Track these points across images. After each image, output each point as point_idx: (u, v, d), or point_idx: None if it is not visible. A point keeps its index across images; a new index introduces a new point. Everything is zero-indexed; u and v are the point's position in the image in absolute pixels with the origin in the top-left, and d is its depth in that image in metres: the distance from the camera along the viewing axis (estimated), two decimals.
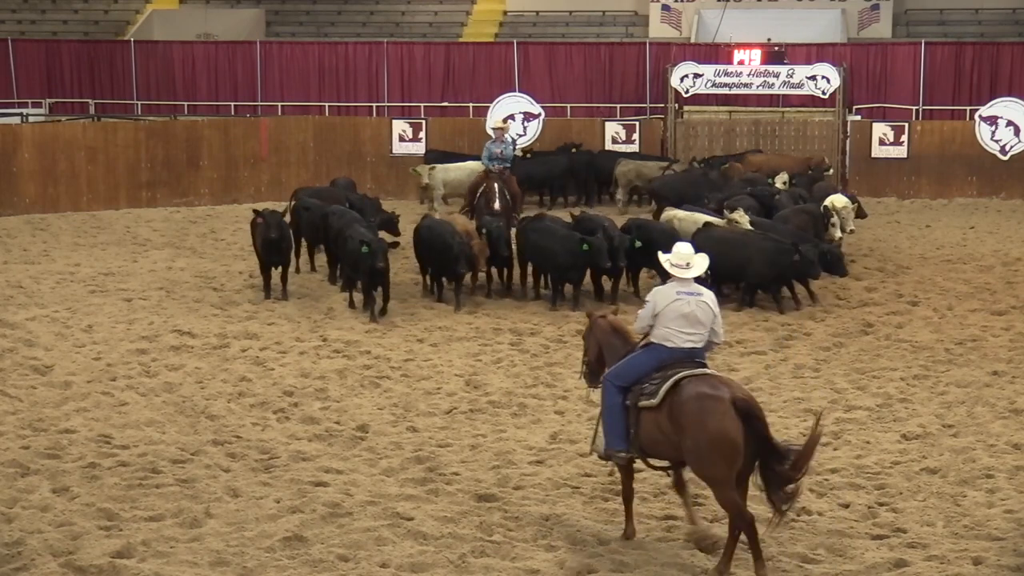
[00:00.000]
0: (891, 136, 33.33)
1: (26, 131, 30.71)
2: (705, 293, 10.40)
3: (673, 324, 10.23)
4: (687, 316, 10.22)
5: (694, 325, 10.25)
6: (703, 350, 10.38)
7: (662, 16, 41.60)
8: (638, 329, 10.56)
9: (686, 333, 10.24)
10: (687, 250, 10.57)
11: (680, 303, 10.24)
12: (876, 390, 15.28)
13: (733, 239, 19.80)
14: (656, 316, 10.31)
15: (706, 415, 9.62)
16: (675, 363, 10.12)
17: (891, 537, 10.67)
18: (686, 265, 10.45)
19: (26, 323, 18.47)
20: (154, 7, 43.83)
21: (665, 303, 10.28)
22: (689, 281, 10.41)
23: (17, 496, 11.44)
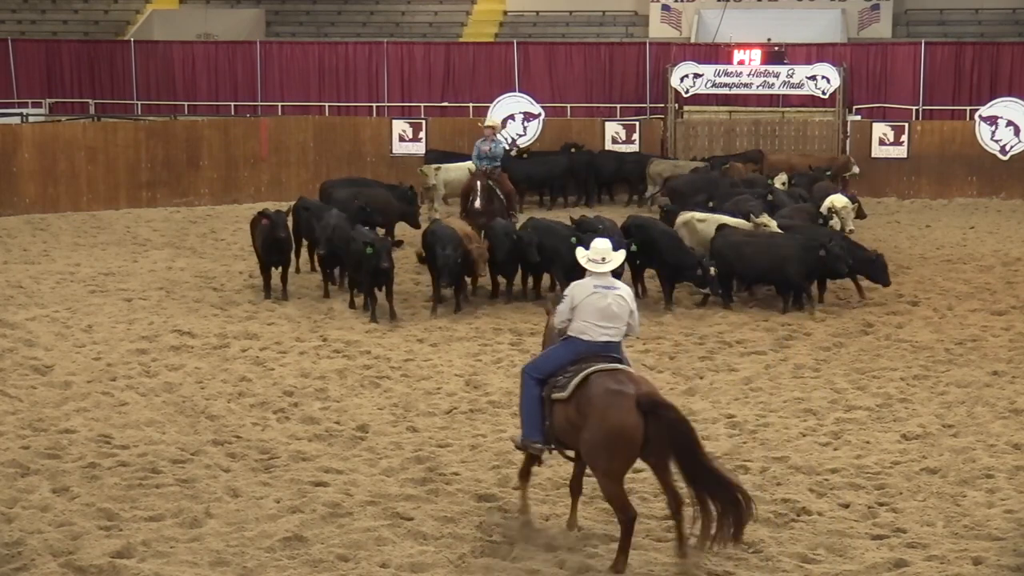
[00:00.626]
0: (891, 136, 33.34)
1: (26, 131, 30.71)
2: (621, 288, 10.54)
3: (590, 318, 10.35)
4: (603, 310, 10.35)
5: (610, 319, 10.36)
6: (619, 344, 10.49)
7: (662, 16, 41.63)
8: (557, 324, 10.67)
9: (602, 327, 10.35)
10: (604, 245, 10.64)
11: (596, 297, 10.38)
12: (876, 390, 15.28)
13: (759, 242, 19.85)
14: (574, 310, 10.44)
15: (608, 409, 9.75)
16: (590, 357, 10.25)
17: (891, 537, 10.67)
18: (602, 260, 10.53)
19: (26, 323, 18.47)
20: (154, 7, 43.85)
21: (582, 297, 10.42)
22: (606, 276, 10.52)
23: (17, 496, 11.44)
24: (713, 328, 18.47)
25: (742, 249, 19.60)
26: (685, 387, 15.45)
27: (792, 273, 19.40)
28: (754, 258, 19.56)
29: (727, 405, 14.67)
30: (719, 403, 14.75)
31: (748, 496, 9.75)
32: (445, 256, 18.82)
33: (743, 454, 12.87)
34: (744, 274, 19.99)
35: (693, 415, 14.18)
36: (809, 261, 19.36)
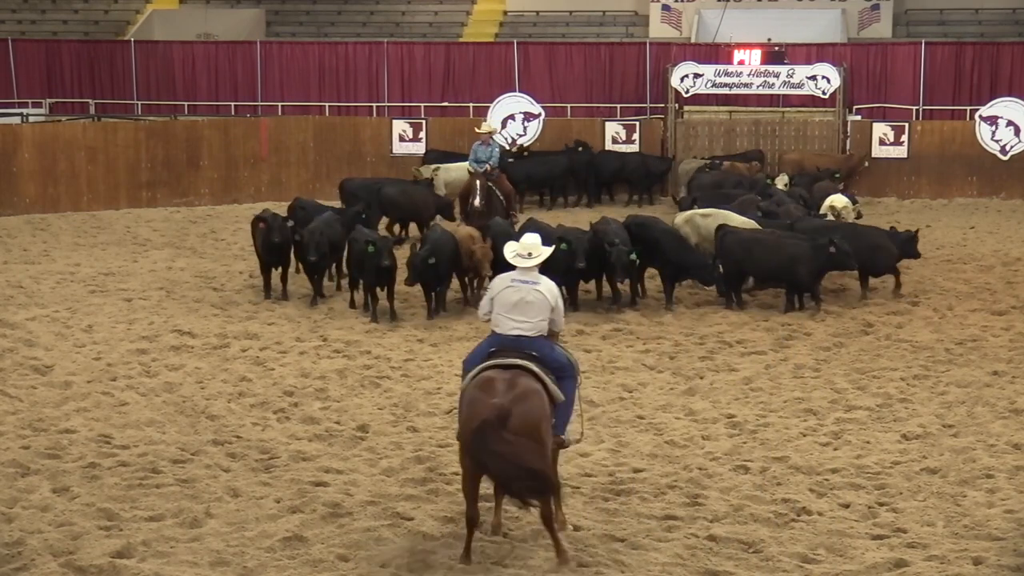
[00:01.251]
0: (891, 136, 33.32)
1: (26, 131, 30.71)
2: (542, 282, 10.51)
3: (502, 310, 10.42)
4: (516, 303, 10.36)
5: (523, 312, 10.35)
6: (537, 339, 10.38)
7: (662, 16, 41.63)
8: (480, 315, 10.87)
9: (514, 320, 10.35)
10: (532, 240, 10.71)
11: (510, 290, 10.42)
12: (876, 390, 15.28)
13: (769, 242, 19.87)
14: (492, 301, 10.55)
15: (466, 407, 9.92)
16: (501, 350, 10.27)
17: (891, 537, 10.67)
18: (528, 255, 10.57)
19: (26, 323, 18.47)
20: (154, 7, 43.85)
21: (499, 290, 10.52)
22: (530, 270, 10.54)
23: (17, 496, 11.44)
24: (713, 328, 18.47)
25: (753, 249, 19.61)
26: (685, 387, 15.45)
27: (804, 272, 19.42)
28: (765, 257, 19.57)
29: (727, 405, 14.67)
30: (719, 403, 14.75)
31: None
32: (414, 256, 18.73)
33: (743, 454, 12.87)
34: (755, 274, 19.98)
35: (693, 415, 14.22)
36: (820, 259, 19.41)
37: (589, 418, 14.10)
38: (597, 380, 15.74)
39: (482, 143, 23.58)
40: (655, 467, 12.47)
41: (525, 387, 9.92)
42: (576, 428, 11.01)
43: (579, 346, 17.39)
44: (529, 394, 9.89)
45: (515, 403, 9.72)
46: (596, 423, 13.98)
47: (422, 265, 18.50)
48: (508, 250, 10.74)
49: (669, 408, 14.59)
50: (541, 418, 9.87)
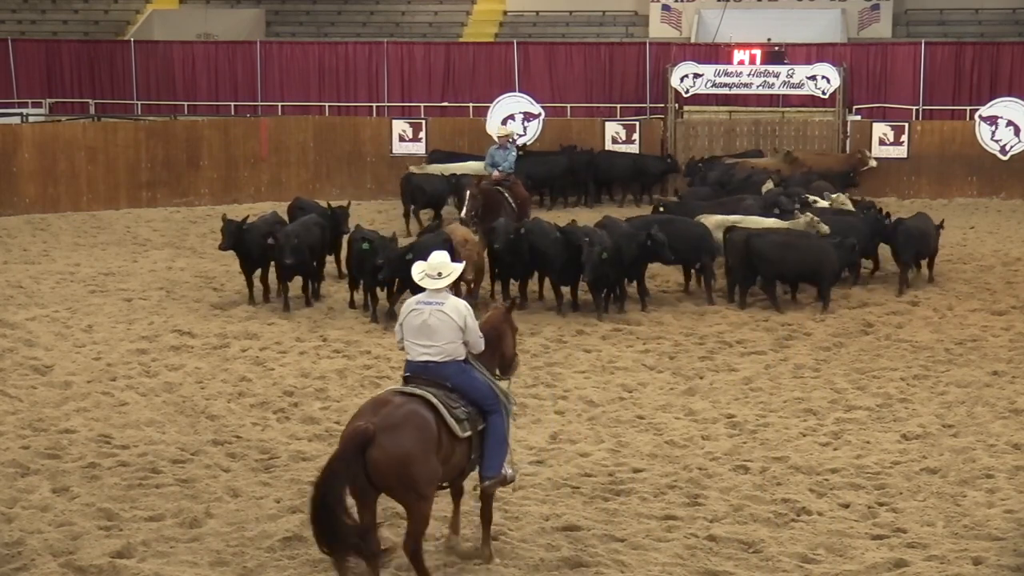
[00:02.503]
0: (891, 136, 33.30)
1: (26, 131, 30.71)
2: (448, 303, 9.78)
3: (409, 335, 9.80)
4: (419, 328, 9.71)
5: (429, 337, 9.69)
6: (449, 365, 9.69)
7: (662, 16, 41.63)
8: (396, 343, 10.16)
9: (420, 345, 9.71)
10: (441, 259, 9.99)
11: (414, 314, 9.78)
12: (876, 390, 15.28)
13: (800, 243, 20.01)
14: (401, 327, 9.93)
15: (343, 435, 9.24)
16: (412, 377, 9.72)
17: (891, 537, 10.67)
18: (437, 275, 9.87)
19: (26, 323, 18.47)
20: (154, 7, 43.84)
21: (405, 314, 9.89)
22: (440, 291, 9.84)
23: (17, 496, 11.44)
24: (713, 328, 18.47)
25: (784, 251, 19.67)
26: (685, 387, 15.45)
27: (830, 273, 19.68)
28: (796, 259, 19.68)
29: (727, 405, 14.67)
30: (719, 403, 14.75)
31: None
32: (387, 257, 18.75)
33: (743, 454, 12.88)
34: (785, 276, 20.02)
35: (693, 415, 14.22)
36: (844, 258, 19.87)
37: (589, 418, 14.14)
38: (597, 380, 15.76)
39: (499, 147, 23.21)
40: (655, 467, 12.47)
41: (406, 414, 9.18)
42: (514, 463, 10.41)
43: (579, 346, 17.42)
44: (408, 423, 9.12)
45: (384, 430, 8.98)
46: (596, 423, 14.00)
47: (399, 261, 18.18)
48: (416, 271, 10.04)
49: (669, 408, 14.59)
50: (412, 451, 9.04)
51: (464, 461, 9.65)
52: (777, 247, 19.67)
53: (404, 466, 9.00)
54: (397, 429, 9.02)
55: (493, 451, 9.78)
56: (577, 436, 13.49)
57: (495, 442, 9.77)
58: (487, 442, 9.74)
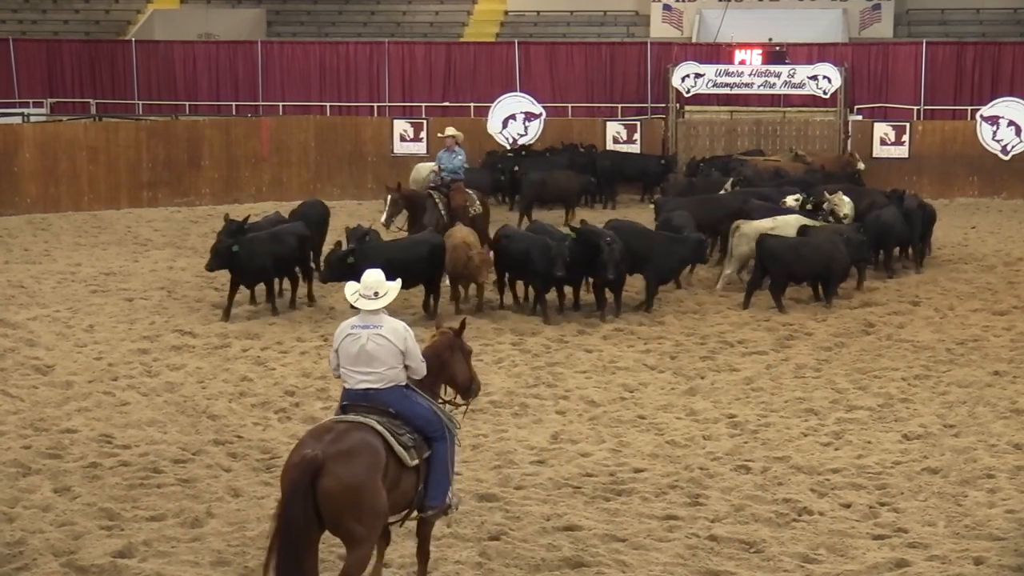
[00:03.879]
0: (892, 136, 33.32)
1: (27, 131, 30.72)
2: (385, 325, 9.08)
3: (346, 363, 9.10)
4: (358, 354, 9.03)
5: (367, 363, 9.02)
6: (390, 391, 9.08)
7: (663, 16, 41.67)
8: (331, 370, 9.47)
9: (360, 373, 9.04)
10: (376, 278, 9.18)
11: (349, 340, 9.07)
12: (877, 390, 15.27)
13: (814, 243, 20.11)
14: (336, 353, 9.22)
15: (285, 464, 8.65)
16: (351, 406, 9.04)
17: (892, 537, 10.67)
18: (374, 295, 9.11)
19: (28, 323, 18.48)
20: (155, 7, 43.88)
21: (339, 340, 9.18)
22: (375, 313, 9.11)
23: (19, 496, 11.45)
24: (714, 328, 18.46)
25: (800, 250, 19.80)
26: (686, 387, 15.45)
27: (842, 272, 19.98)
28: (810, 258, 19.76)
29: (728, 405, 14.67)
30: (720, 403, 14.75)
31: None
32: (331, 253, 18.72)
33: (744, 454, 12.87)
34: (800, 275, 20.06)
35: (694, 415, 14.22)
36: (854, 256, 20.06)
37: (590, 418, 14.14)
38: (599, 380, 15.75)
39: (447, 149, 21.85)
40: (656, 467, 12.47)
41: (354, 442, 8.56)
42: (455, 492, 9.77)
43: (580, 346, 17.42)
44: (356, 451, 8.51)
45: (333, 459, 8.36)
46: (597, 423, 14.00)
47: (339, 264, 18.16)
48: (349, 291, 9.28)
49: (670, 408, 14.59)
50: (363, 480, 8.44)
51: (411, 492, 9.01)
52: (789, 247, 19.71)
53: (356, 495, 8.39)
54: (347, 457, 8.42)
55: (437, 479, 9.20)
56: (578, 436, 13.49)
57: (439, 470, 9.19)
58: (431, 470, 9.14)
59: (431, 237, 19.47)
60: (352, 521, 8.41)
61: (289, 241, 19.66)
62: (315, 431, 8.74)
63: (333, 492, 8.29)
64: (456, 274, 19.38)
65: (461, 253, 19.15)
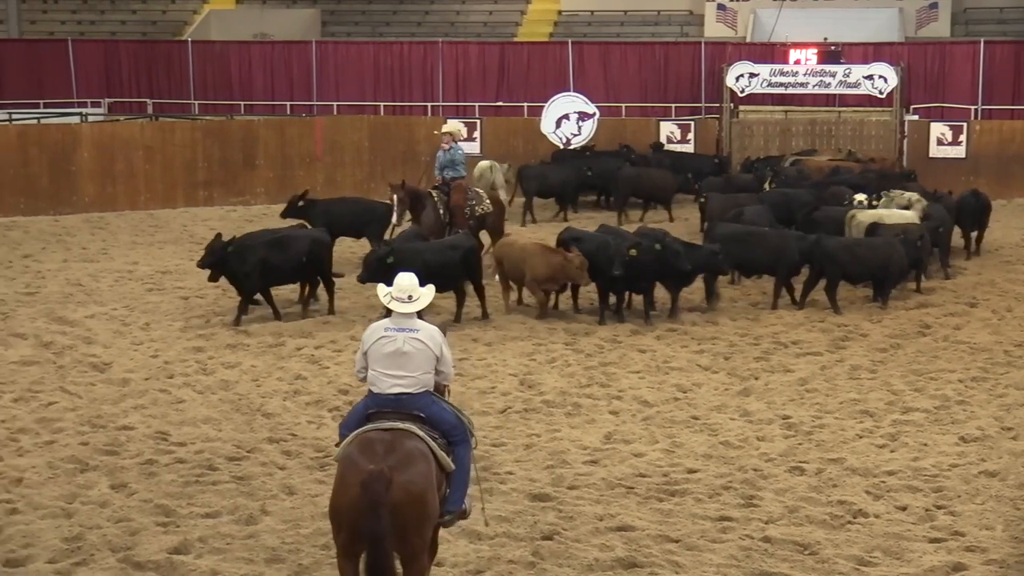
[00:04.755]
0: (949, 136, 33.01)
1: (85, 130, 31.02)
2: (423, 329, 8.96)
3: (377, 366, 8.89)
4: (392, 356, 8.85)
5: (402, 367, 8.85)
6: (422, 396, 8.90)
7: (717, 16, 41.53)
8: (355, 373, 9.33)
9: (393, 377, 8.84)
10: (409, 282, 9.08)
11: (384, 342, 8.89)
12: (934, 392, 15.15)
13: (870, 243, 20.16)
14: (366, 356, 9.01)
15: (339, 479, 8.45)
16: (379, 412, 8.81)
17: (949, 540, 10.58)
18: (408, 298, 9.02)
19: (85, 321, 18.67)
20: (211, 7, 44.20)
21: (370, 342, 8.96)
22: (409, 316, 9.01)
23: (76, 492, 11.58)
24: (768, 329, 18.38)
25: (855, 251, 19.75)
26: (740, 388, 15.39)
27: (899, 271, 19.84)
28: (866, 258, 19.69)
29: (783, 406, 14.60)
30: (774, 404, 14.68)
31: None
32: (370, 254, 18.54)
33: (799, 455, 12.81)
34: (855, 275, 19.97)
35: (748, 415, 14.16)
36: (911, 256, 19.92)
37: (644, 418, 14.11)
38: (652, 380, 15.72)
39: (443, 148, 21.43)
40: (710, 468, 12.43)
41: (409, 450, 8.48)
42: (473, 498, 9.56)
43: (633, 346, 17.39)
44: (414, 459, 8.45)
45: (397, 470, 8.24)
46: (651, 423, 13.97)
47: (377, 264, 17.83)
48: (383, 293, 9.25)
49: (724, 409, 14.53)
50: (427, 488, 8.41)
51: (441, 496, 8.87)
52: (845, 248, 19.62)
53: (423, 506, 8.37)
54: (408, 467, 8.35)
55: (458, 484, 9.00)
56: (631, 436, 13.47)
57: (461, 474, 9.00)
58: (454, 474, 8.96)
59: (466, 240, 19.33)
60: (416, 534, 8.37)
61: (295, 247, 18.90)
62: (363, 444, 8.49)
63: (403, 504, 8.19)
64: (548, 278, 18.73)
65: (555, 257, 18.62)
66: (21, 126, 31.08)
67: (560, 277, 18.74)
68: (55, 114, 34.39)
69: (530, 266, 18.79)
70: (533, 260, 18.79)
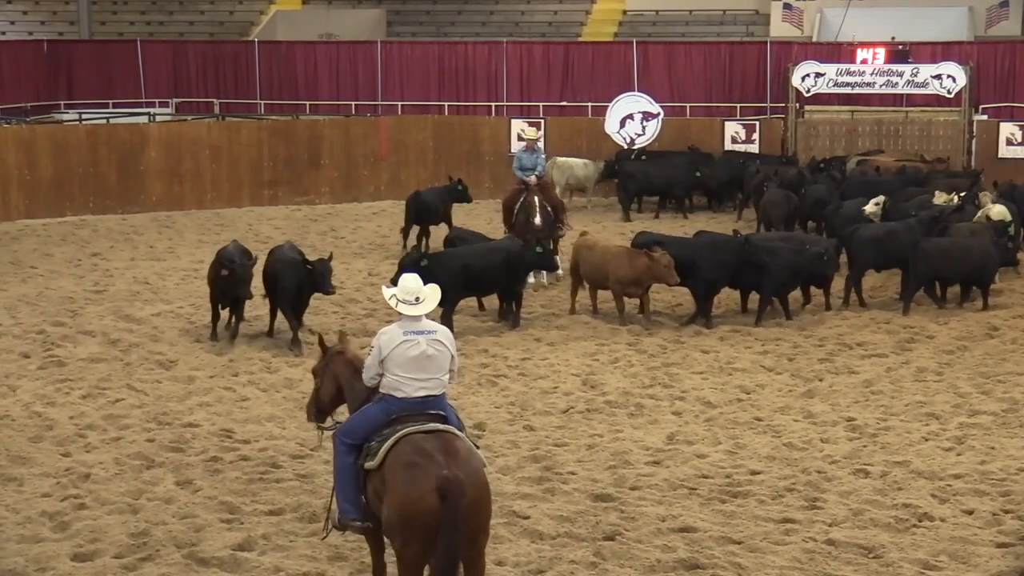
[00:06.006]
0: (1019, 136, 32.58)
1: (153, 130, 31.34)
2: (439, 330, 9.01)
3: (401, 371, 8.80)
4: (417, 360, 8.81)
5: (427, 370, 8.83)
6: (442, 398, 8.94)
7: (783, 15, 41.25)
8: (367, 380, 9.10)
9: (419, 380, 8.80)
10: (415, 283, 9.05)
11: (408, 346, 8.81)
12: (1001, 395, 14.97)
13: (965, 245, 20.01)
14: (383, 363, 8.87)
15: (405, 485, 8.24)
16: (406, 416, 8.71)
17: (1017, 545, 10.45)
18: (415, 300, 8.98)
19: (152, 319, 18.86)
20: (277, 8, 44.49)
21: (391, 347, 8.83)
22: (419, 319, 8.97)
23: (143, 488, 11.70)
24: (833, 330, 18.23)
25: (951, 253, 19.64)
26: (804, 389, 15.29)
27: (991, 273, 19.76)
28: (962, 260, 19.57)
29: (847, 408, 14.48)
30: (839, 406, 14.57)
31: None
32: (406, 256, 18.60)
33: (863, 458, 12.70)
34: (951, 278, 19.89)
35: (812, 417, 14.07)
36: (1002, 258, 19.95)
37: (707, 419, 14.06)
38: (715, 381, 15.65)
39: (527, 149, 21.87)
40: (773, 469, 12.36)
41: (465, 451, 8.48)
42: None
43: (696, 347, 17.32)
44: (472, 458, 8.47)
45: (464, 472, 8.21)
46: (713, 424, 13.91)
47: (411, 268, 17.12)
48: (388, 294, 9.16)
49: (787, 410, 14.45)
50: (487, 486, 8.46)
51: None
52: (941, 249, 19.55)
53: (488, 505, 8.43)
54: (469, 468, 8.33)
55: None
56: (694, 437, 13.42)
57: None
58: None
59: (509, 244, 19.12)
60: (484, 533, 8.42)
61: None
62: (418, 449, 8.36)
63: (476, 505, 8.20)
64: (633, 280, 18.47)
65: (639, 258, 18.38)
66: (91, 126, 31.46)
67: (646, 279, 18.45)
68: (124, 114, 34.76)
69: (614, 268, 18.56)
70: (617, 262, 18.57)
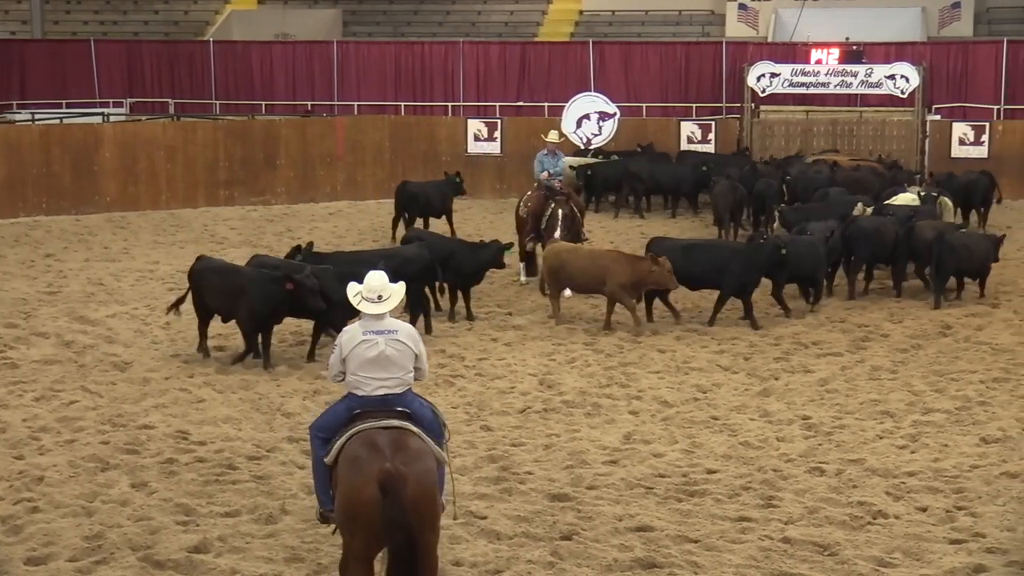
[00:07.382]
0: (971, 136, 32.91)
1: (107, 130, 31.14)
2: (401, 329, 9.00)
3: (361, 370, 8.84)
4: (376, 360, 8.83)
5: (386, 368, 8.84)
6: (406, 394, 8.94)
7: (739, 15, 41.47)
8: (331, 379, 9.28)
9: (378, 379, 8.82)
10: (379, 281, 9.03)
11: (365, 346, 8.84)
12: (955, 393, 15.09)
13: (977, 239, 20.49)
14: (344, 361, 8.95)
15: (348, 480, 8.30)
16: (366, 413, 8.73)
17: (970, 542, 10.53)
18: (378, 298, 8.98)
19: (107, 320, 18.74)
20: (233, 8, 44.35)
21: (351, 347, 8.89)
22: (382, 317, 8.99)
23: (97, 490, 11.61)
24: (789, 329, 18.33)
25: (969, 248, 19.95)
26: (760, 388, 15.36)
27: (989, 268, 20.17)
28: (975, 254, 19.97)
29: (802, 407, 14.56)
30: (794, 404, 14.64)
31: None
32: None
33: (818, 456, 12.77)
34: (964, 272, 20.21)
35: (768, 416, 14.14)
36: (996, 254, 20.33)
37: (663, 418, 14.10)
38: (672, 380, 15.70)
39: (548, 152, 21.85)
40: (729, 468, 12.41)
41: (415, 447, 8.46)
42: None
43: (653, 346, 17.37)
44: (422, 455, 8.44)
45: (409, 467, 8.20)
46: (670, 423, 13.95)
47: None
48: (352, 292, 9.10)
49: (744, 409, 14.51)
50: (436, 483, 8.47)
51: None
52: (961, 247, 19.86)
53: (434, 502, 8.40)
54: (418, 463, 8.32)
55: (442, 478, 8.95)
56: (651, 436, 13.45)
57: (440, 470, 8.90)
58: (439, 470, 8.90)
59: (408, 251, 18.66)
60: (431, 529, 8.35)
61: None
62: (367, 443, 8.40)
63: (419, 500, 8.17)
64: (633, 284, 18.22)
65: (642, 263, 18.18)
66: (44, 126, 31.22)
67: (647, 283, 18.29)
68: (77, 114, 34.52)
69: (613, 273, 18.22)
70: (616, 267, 18.25)
